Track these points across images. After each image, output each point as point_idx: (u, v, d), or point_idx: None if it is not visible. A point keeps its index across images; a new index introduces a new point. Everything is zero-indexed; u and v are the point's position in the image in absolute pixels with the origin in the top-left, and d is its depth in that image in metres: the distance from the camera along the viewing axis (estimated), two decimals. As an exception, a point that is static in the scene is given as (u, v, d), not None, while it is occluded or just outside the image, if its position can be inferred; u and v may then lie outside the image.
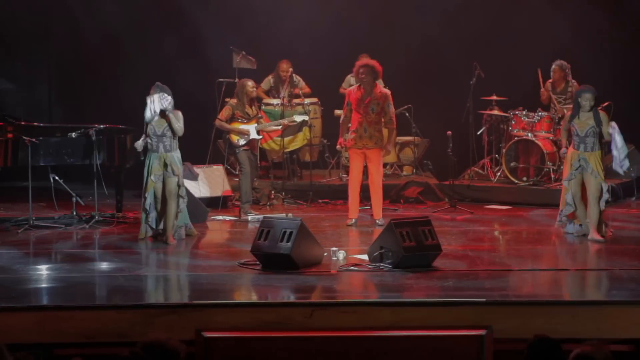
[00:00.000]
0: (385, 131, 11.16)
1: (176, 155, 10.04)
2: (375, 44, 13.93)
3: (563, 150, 10.50)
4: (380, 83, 13.30)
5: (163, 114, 9.92)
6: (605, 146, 10.15)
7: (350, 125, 11.07)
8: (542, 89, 13.02)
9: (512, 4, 14.16)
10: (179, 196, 10.00)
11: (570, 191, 9.98)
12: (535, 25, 14.11)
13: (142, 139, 10.05)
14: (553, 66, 12.96)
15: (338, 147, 11.33)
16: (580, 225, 10.05)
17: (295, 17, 14.24)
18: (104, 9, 13.83)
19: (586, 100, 9.95)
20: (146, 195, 9.99)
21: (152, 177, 9.95)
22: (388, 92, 11.19)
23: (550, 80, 13.17)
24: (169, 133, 9.98)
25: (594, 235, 9.84)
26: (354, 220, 11.01)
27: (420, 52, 14.19)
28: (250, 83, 11.84)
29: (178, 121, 9.97)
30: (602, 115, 9.98)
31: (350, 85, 13.35)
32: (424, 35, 14.06)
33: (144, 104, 10.02)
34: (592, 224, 9.85)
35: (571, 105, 11.25)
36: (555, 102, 12.89)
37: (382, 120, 10.98)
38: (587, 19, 13.70)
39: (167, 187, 9.96)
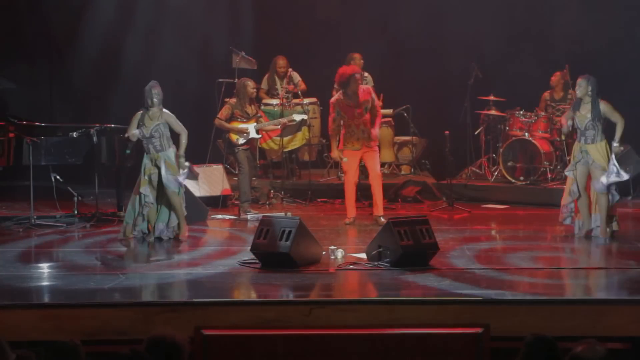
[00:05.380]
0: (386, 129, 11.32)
1: (169, 154, 10.04)
2: (373, 44, 14.00)
3: (565, 128, 10.37)
4: (370, 82, 13.40)
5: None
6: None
7: (342, 130, 11.09)
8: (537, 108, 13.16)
9: (511, 4, 14.21)
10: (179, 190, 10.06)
11: (576, 181, 10.03)
12: (534, 25, 14.17)
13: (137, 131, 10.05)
14: (555, 74, 13.08)
15: (337, 157, 11.18)
16: (583, 224, 10.10)
17: (295, 16, 14.33)
18: (104, 9, 13.89)
19: (578, 86, 9.96)
20: (141, 191, 9.98)
21: (145, 177, 10.00)
22: (368, 86, 11.26)
23: (548, 91, 13.27)
24: (156, 134, 9.99)
25: (600, 233, 9.90)
26: (352, 219, 11.07)
27: (419, 52, 14.24)
28: (251, 83, 11.91)
29: (178, 123, 10.07)
30: (604, 105, 9.88)
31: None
32: (422, 35, 14.12)
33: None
34: (602, 220, 9.89)
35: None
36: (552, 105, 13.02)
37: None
38: (584, 18, 13.76)
39: (166, 186, 10.00)
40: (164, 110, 10.07)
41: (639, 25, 13.66)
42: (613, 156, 9.87)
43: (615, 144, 9.91)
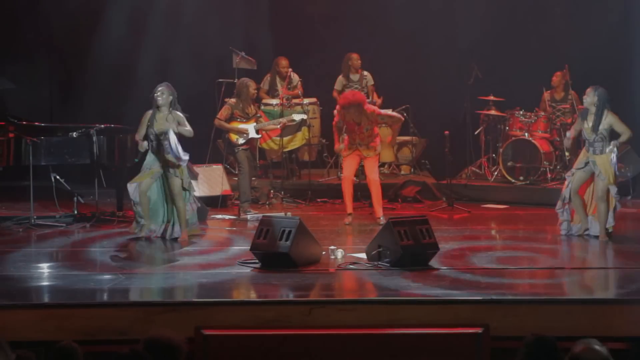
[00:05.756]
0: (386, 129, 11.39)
1: (170, 139, 10.07)
2: (373, 44, 14.01)
3: (567, 134, 10.44)
4: (369, 80, 13.45)
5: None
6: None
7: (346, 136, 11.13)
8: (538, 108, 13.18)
9: (510, 4, 14.21)
10: (185, 194, 10.10)
11: (570, 186, 10.06)
12: (534, 26, 14.17)
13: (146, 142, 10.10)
14: (555, 74, 13.10)
15: (338, 148, 11.27)
16: (580, 225, 10.14)
17: (295, 16, 14.33)
18: (104, 10, 13.90)
19: (586, 96, 10.00)
20: (127, 185, 10.04)
21: (143, 174, 10.04)
22: (374, 107, 11.25)
23: (548, 91, 13.28)
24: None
25: (601, 236, 9.92)
26: (350, 215, 11.05)
27: (418, 52, 14.24)
28: (252, 84, 11.92)
29: (186, 125, 10.09)
30: (611, 117, 9.91)
31: (343, 85, 13.45)
32: (422, 35, 14.12)
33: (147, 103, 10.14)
34: (601, 226, 9.91)
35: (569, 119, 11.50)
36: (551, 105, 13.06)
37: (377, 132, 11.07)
38: (582, 19, 13.76)
39: (172, 187, 10.06)
40: (175, 112, 10.08)
41: (636, 25, 13.66)
42: (613, 155, 9.90)
43: (614, 142, 9.91)
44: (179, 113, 10.09)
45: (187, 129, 10.11)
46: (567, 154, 11.97)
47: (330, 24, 14.38)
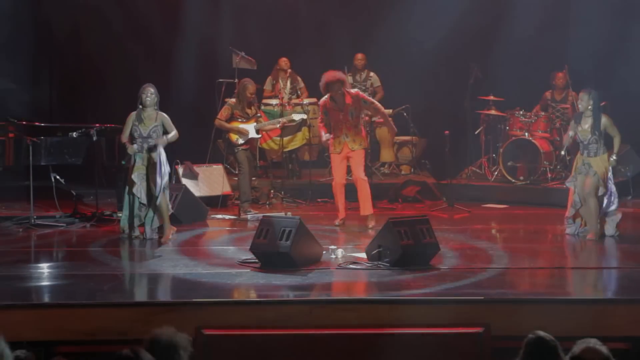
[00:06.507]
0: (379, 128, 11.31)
1: (160, 153, 10.04)
2: (374, 44, 14.00)
3: (563, 151, 10.54)
4: (375, 81, 13.49)
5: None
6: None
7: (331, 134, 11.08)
8: (538, 107, 13.19)
9: (510, 5, 14.20)
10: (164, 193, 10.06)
11: (577, 191, 10.08)
12: (533, 25, 14.16)
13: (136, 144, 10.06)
14: (558, 74, 13.10)
15: (325, 140, 11.06)
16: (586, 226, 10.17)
17: (295, 16, 14.32)
18: (104, 8, 13.89)
19: (580, 100, 10.09)
20: (134, 192, 10.00)
21: (134, 176, 9.97)
22: (357, 91, 11.22)
23: (550, 91, 13.28)
24: (154, 135, 10.02)
25: (590, 235, 9.93)
26: (342, 220, 11.00)
27: (419, 52, 14.23)
28: (251, 87, 11.87)
29: (172, 126, 10.08)
30: (605, 119, 10.02)
31: (349, 83, 13.46)
32: (423, 35, 14.11)
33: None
34: (591, 221, 9.93)
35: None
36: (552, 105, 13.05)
37: (366, 118, 10.95)
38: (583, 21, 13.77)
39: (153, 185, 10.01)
40: (160, 112, 10.09)
41: (635, 26, 13.65)
42: (611, 175, 9.98)
43: (613, 158, 10.03)
44: (164, 114, 10.09)
45: (173, 132, 10.09)
46: (562, 152, 11.95)
47: (330, 24, 14.37)
